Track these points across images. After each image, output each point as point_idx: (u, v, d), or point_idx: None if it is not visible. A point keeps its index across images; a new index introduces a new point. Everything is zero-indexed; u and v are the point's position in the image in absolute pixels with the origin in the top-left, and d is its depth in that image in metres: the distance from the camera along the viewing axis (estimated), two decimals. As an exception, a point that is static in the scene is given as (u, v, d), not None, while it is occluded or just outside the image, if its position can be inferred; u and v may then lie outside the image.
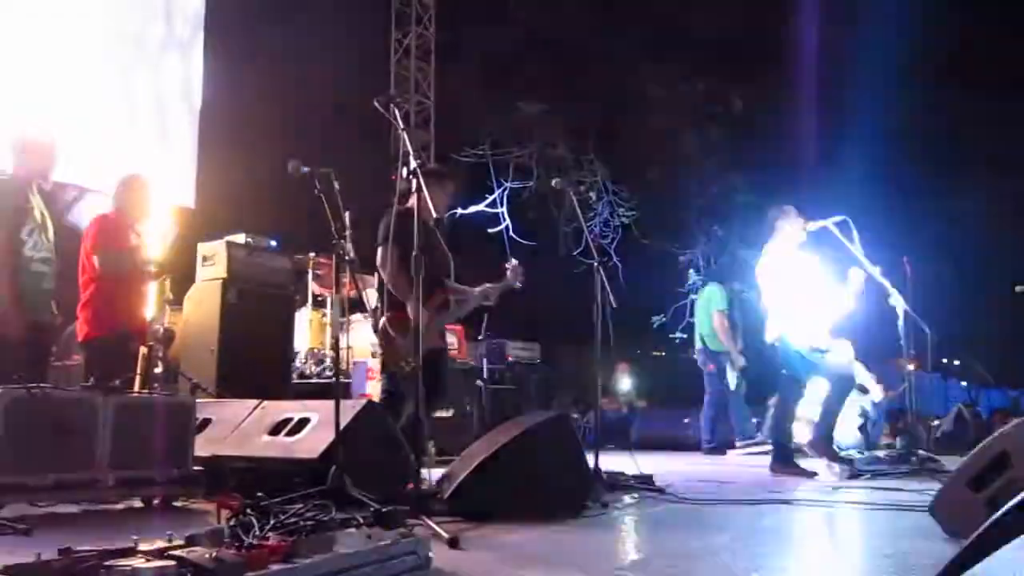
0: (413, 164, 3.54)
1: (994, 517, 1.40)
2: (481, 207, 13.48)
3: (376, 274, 4.75)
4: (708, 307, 8.67)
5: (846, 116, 14.24)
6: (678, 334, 14.86)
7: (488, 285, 4.93)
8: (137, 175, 5.31)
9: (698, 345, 8.83)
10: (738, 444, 8.29)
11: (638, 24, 14.04)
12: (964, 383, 13.87)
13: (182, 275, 6.47)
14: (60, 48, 7.27)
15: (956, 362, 14.69)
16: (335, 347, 4.20)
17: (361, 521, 2.36)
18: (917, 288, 6.15)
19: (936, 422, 10.30)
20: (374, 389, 6.99)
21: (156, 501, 3.81)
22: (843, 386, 6.16)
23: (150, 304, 5.48)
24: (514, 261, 4.88)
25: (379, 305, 4.66)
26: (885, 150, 14.10)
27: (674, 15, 13.66)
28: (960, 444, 8.52)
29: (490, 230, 13.37)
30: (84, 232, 5.02)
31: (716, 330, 8.45)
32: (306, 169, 3.89)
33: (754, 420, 8.96)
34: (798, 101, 14.06)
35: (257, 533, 2.07)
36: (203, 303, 6.42)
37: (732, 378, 8.46)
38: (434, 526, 2.87)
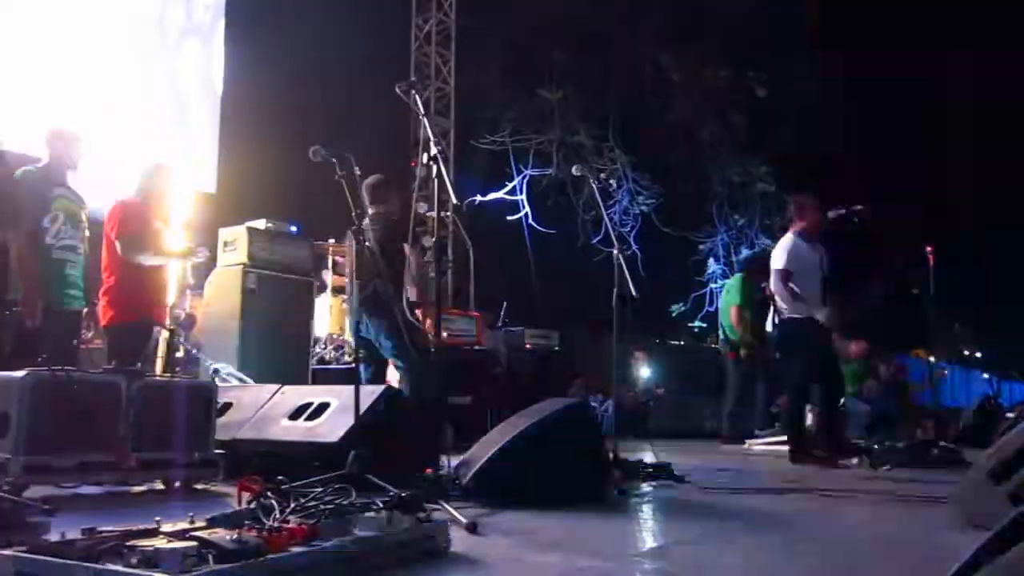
0: (434, 150, 3.55)
1: (1019, 510, 1.39)
2: (501, 194, 13.47)
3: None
4: (728, 299, 8.69)
5: (870, 103, 14.09)
6: (697, 323, 14.82)
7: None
8: (160, 163, 5.35)
9: (720, 334, 8.85)
10: (758, 433, 8.27)
11: (660, 11, 13.94)
12: (986, 375, 13.74)
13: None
14: (80, 35, 7.31)
15: (979, 354, 14.57)
16: (355, 333, 4.22)
17: (380, 506, 2.37)
18: (940, 278, 6.08)
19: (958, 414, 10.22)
20: (393, 375, 7.02)
21: (177, 483, 3.85)
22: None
23: (171, 289, 5.52)
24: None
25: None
26: (910, 137, 13.96)
27: (697, 1, 13.57)
28: (982, 436, 8.45)
29: (509, 217, 13.37)
30: (106, 218, 5.05)
31: (732, 323, 8.46)
32: (327, 154, 3.89)
33: (773, 410, 8.93)
34: (821, 88, 13.91)
35: (278, 516, 2.09)
36: (224, 288, 6.46)
37: None
38: (452, 511, 2.88)
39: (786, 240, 6.27)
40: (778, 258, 6.23)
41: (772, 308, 6.51)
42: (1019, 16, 13.40)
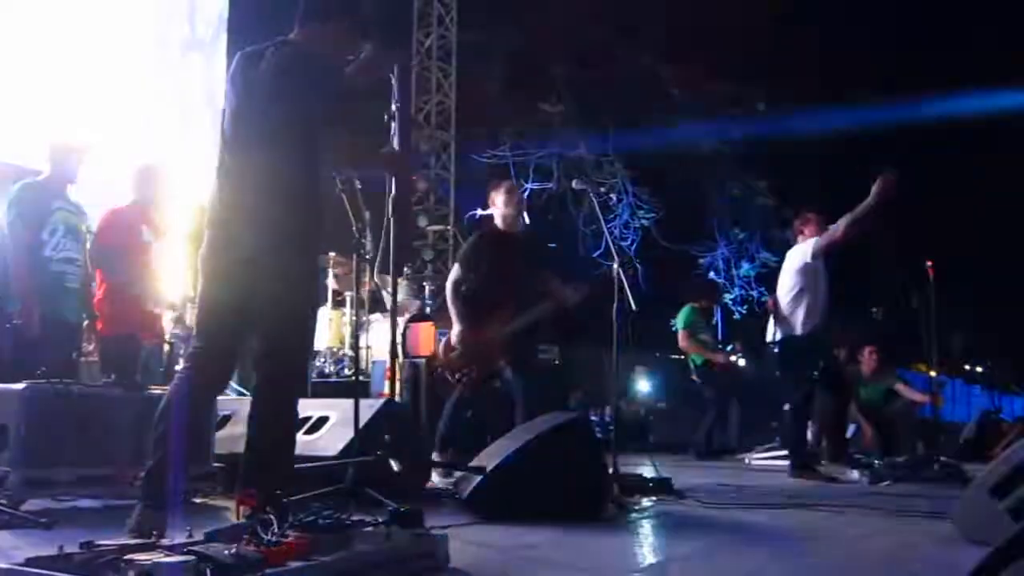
0: (393, 107, 3.59)
1: (1020, 525, 1.38)
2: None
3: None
4: (677, 326, 8.98)
5: (869, 116, 14.13)
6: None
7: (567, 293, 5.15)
8: (151, 164, 5.24)
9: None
10: (756, 449, 8.29)
11: (660, 25, 13.99)
12: (988, 389, 13.72)
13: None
14: (84, 49, 7.34)
15: (980, 368, 14.55)
16: (354, 346, 4.22)
17: (379, 520, 2.37)
18: (941, 292, 6.09)
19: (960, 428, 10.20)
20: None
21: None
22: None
23: (170, 297, 5.46)
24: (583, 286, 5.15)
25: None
26: (909, 151, 13.97)
27: (696, 15, 13.61)
28: (982, 451, 8.43)
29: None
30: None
31: (684, 348, 8.76)
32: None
33: (772, 424, 8.92)
34: (820, 102, 13.95)
35: (276, 530, 2.08)
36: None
37: None
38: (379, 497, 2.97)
39: (803, 252, 6.28)
40: (792, 266, 6.27)
41: (772, 322, 6.50)
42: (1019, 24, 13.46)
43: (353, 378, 4.16)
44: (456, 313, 5.17)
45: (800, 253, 6.27)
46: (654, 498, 4.37)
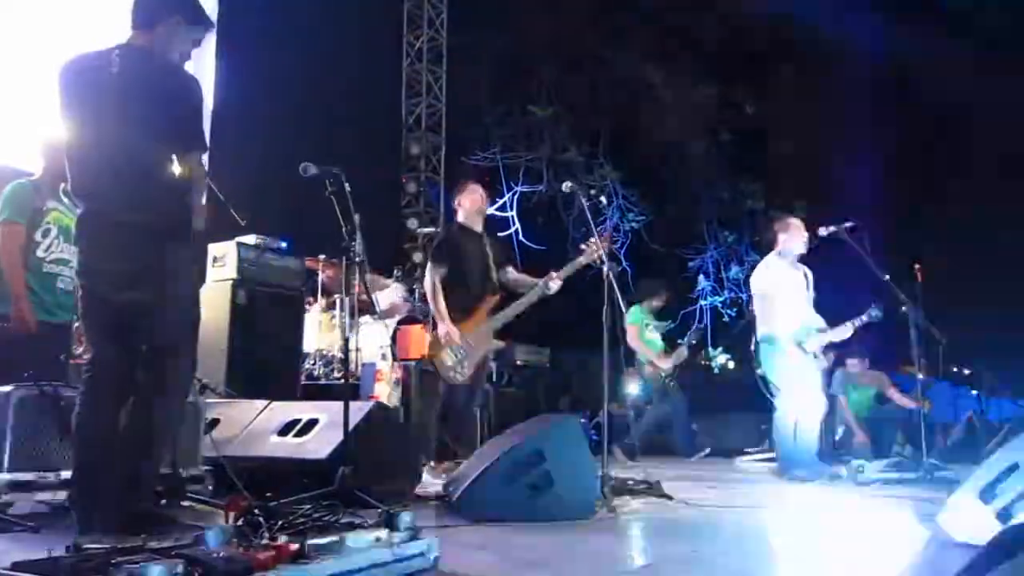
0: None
1: (1006, 527, 1.39)
2: (491, 211, 13.47)
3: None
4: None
5: (859, 119, 14.19)
6: (686, 340, 14.82)
7: (552, 273, 5.22)
8: None
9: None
10: (746, 451, 8.34)
11: (649, 28, 14.03)
12: (975, 391, 13.78)
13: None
14: (76, 48, 7.30)
15: (967, 371, 14.60)
16: (344, 348, 4.22)
17: (369, 522, 2.37)
18: (928, 294, 6.11)
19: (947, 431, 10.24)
20: (382, 391, 7.01)
21: (164, 501, 3.81)
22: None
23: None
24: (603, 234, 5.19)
25: None
26: (896, 153, 14.05)
27: (685, 18, 13.67)
28: (970, 453, 8.46)
29: (500, 234, 13.38)
30: None
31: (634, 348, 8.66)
32: (317, 170, 3.91)
33: (762, 427, 8.96)
34: (809, 105, 14.00)
35: (265, 533, 2.08)
36: (213, 303, 6.42)
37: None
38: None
39: (766, 261, 6.34)
40: (754, 280, 6.33)
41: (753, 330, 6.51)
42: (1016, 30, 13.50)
43: (342, 380, 4.16)
44: (440, 311, 5.23)
45: (761, 267, 6.33)
46: (643, 500, 4.38)
